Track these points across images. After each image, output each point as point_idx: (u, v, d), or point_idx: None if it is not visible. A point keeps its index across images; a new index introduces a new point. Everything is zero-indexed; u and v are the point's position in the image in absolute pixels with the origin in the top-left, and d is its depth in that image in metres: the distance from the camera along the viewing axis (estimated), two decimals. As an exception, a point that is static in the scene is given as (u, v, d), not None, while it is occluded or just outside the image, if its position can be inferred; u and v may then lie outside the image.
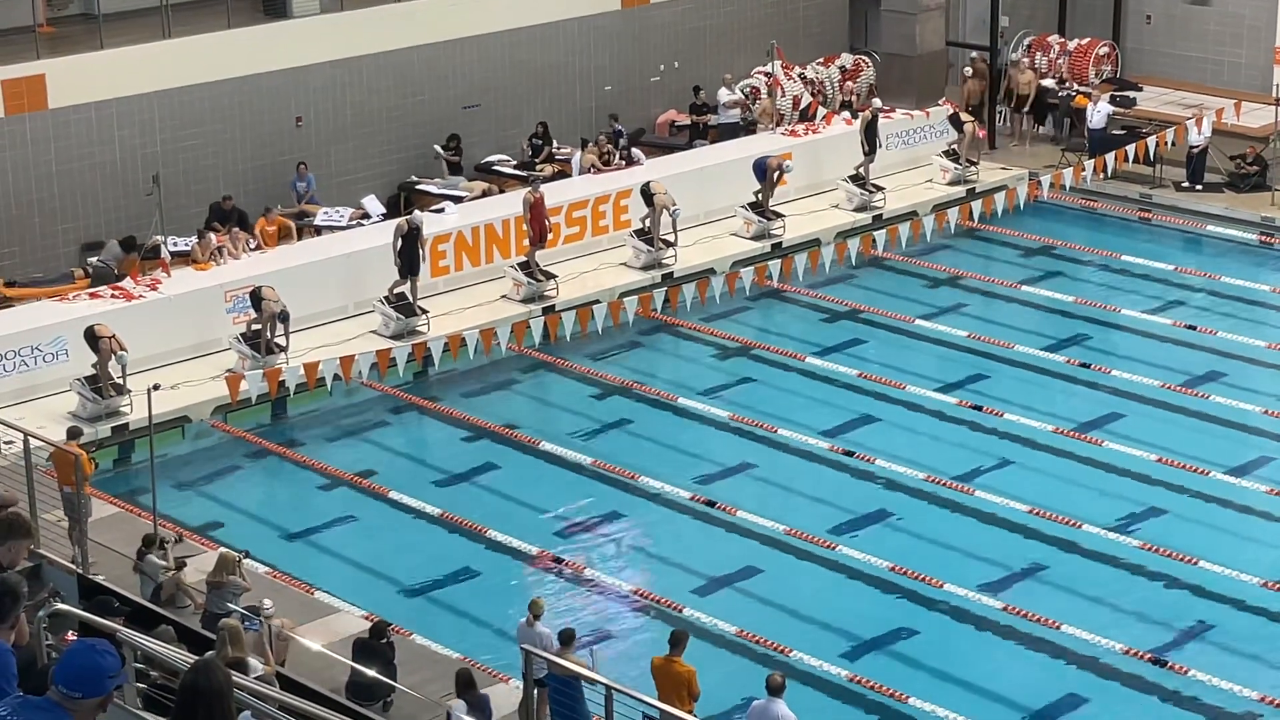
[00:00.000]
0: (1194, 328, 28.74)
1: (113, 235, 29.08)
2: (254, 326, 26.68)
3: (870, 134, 33.63)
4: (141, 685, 11.54)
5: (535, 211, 29.16)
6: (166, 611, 17.52)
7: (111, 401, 24.92)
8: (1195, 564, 21.36)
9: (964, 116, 35.58)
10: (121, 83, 29.61)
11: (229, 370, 26.25)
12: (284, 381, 25.78)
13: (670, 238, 30.88)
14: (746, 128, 36.22)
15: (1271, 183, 34.35)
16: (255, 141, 31.35)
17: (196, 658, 9.54)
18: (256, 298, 26.57)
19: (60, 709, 7.74)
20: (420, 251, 28.17)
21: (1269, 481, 23.61)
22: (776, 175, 32.20)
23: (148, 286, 27.24)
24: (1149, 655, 19.61)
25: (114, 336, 24.70)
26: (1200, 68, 37.84)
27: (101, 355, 24.77)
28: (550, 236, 29.61)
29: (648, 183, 30.97)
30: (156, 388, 22.10)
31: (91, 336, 24.96)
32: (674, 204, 30.48)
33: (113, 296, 26.87)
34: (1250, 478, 23.82)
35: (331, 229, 30.78)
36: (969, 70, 37.40)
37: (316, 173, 31.79)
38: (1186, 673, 19.26)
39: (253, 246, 29.10)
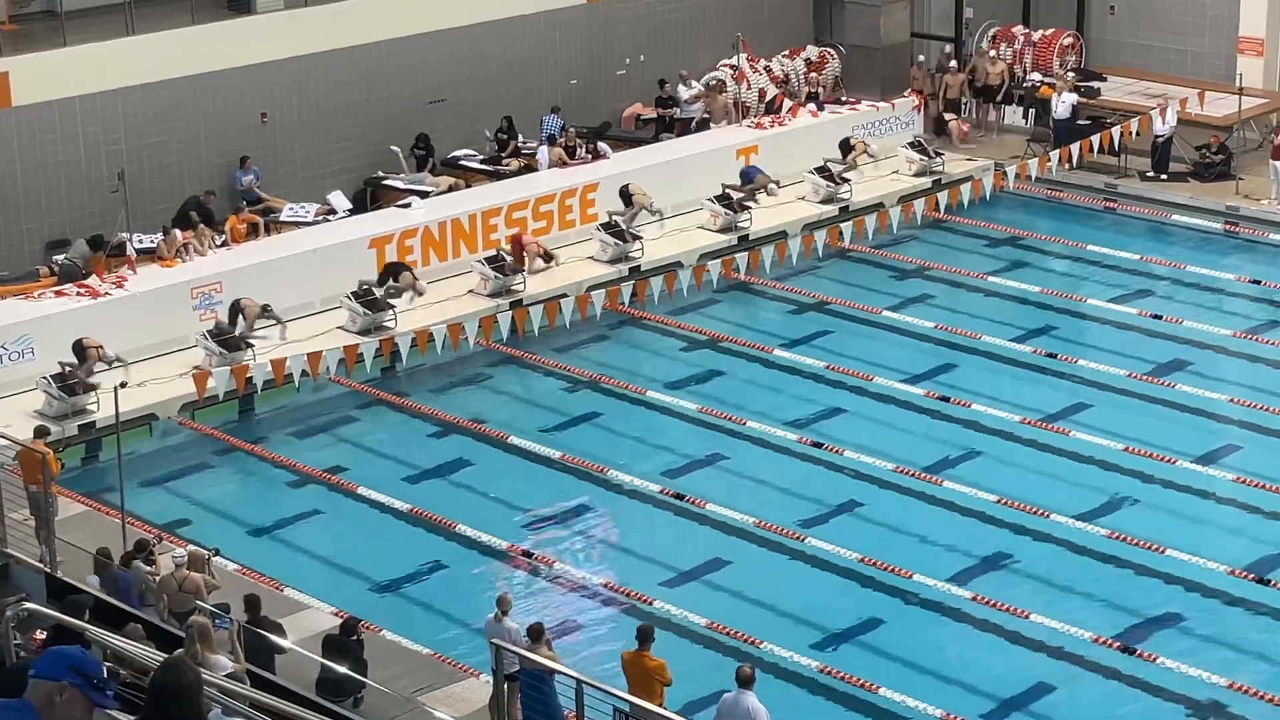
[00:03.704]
0: (1160, 317, 28.85)
1: (78, 233, 28.98)
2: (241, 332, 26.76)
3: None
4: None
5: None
6: (135, 610, 17.48)
7: (78, 400, 24.85)
8: (1163, 552, 21.45)
9: (947, 116, 35.88)
10: (85, 80, 29.50)
11: (196, 367, 26.18)
12: (251, 378, 25.73)
13: (640, 232, 30.98)
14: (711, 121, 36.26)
15: (1235, 172, 34.49)
16: (220, 138, 31.26)
17: (166, 655, 9.52)
18: (235, 309, 26.70)
19: (28, 708, 7.69)
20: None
21: (1235, 470, 23.71)
22: (761, 189, 32.32)
23: (114, 284, 27.17)
24: (1117, 643, 19.69)
25: (100, 347, 24.91)
26: (1164, 58, 37.95)
27: (88, 364, 25.00)
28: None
29: (626, 185, 31.04)
30: (124, 385, 22.04)
31: (79, 349, 25.08)
32: (653, 205, 30.55)
33: (79, 294, 26.80)
34: (1217, 466, 23.93)
35: (297, 225, 30.71)
36: (953, 64, 37.46)
37: (282, 168, 31.73)
38: (1155, 660, 19.35)
39: (219, 243, 29.02)
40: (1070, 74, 36.89)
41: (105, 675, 7.81)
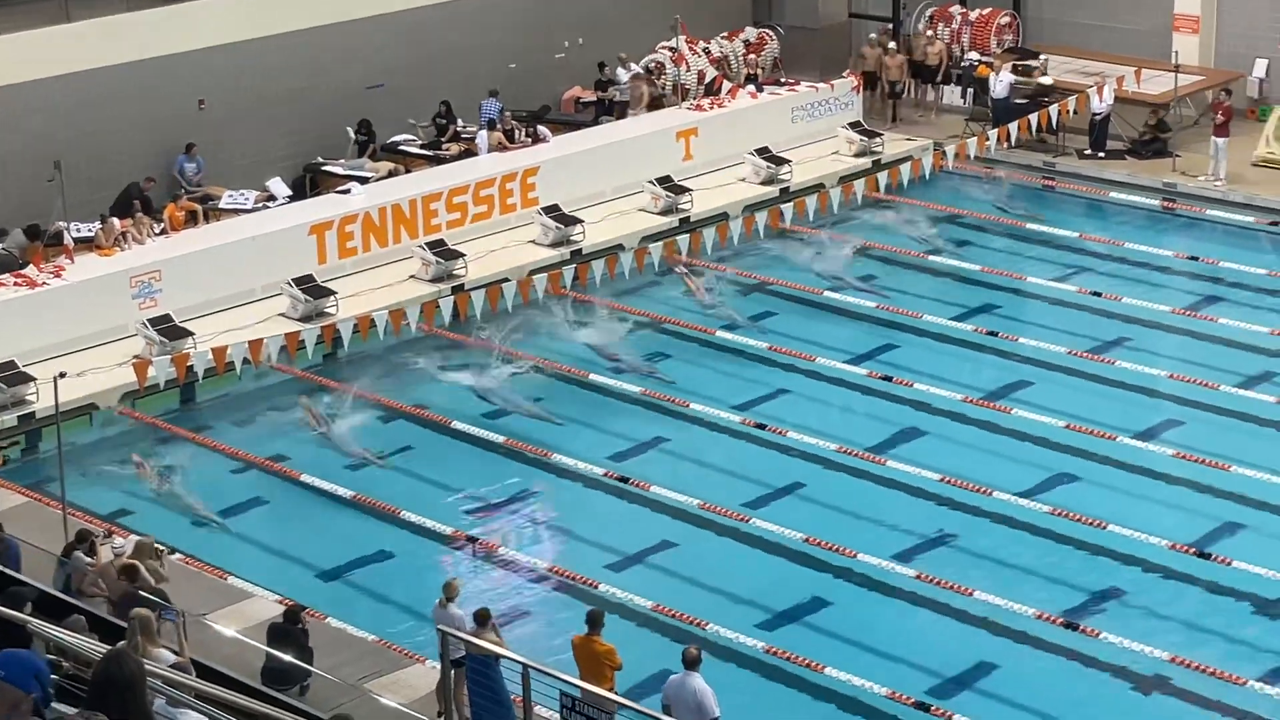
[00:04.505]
0: (1099, 294, 29.01)
1: (14, 223, 28.71)
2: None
3: None
4: (55, 676, 11.43)
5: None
6: (78, 601, 17.36)
7: (18, 390, 24.67)
8: (1104, 528, 21.58)
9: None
10: (20, 68, 29.25)
11: (136, 356, 26.02)
12: (192, 366, 25.59)
13: (581, 215, 31.05)
14: (651, 103, 36.24)
15: (1173, 149, 34.70)
16: (158, 125, 31.04)
17: (109, 647, 9.47)
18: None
19: None
20: None
21: (1175, 445, 23.87)
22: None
23: (51, 274, 26.98)
24: (1060, 619, 19.81)
25: None
26: (1100, 36, 38.12)
27: None
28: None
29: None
30: (63, 375, 21.89)
31: None
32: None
33: (16, 285, 26.59)
34: (1157, 442, 24.08)
35: (237, 212, 30.55)
36: (893, 44, 37.54)
37: (221, 155, 31.56)
38: (1097, 635, 19.47)
39: (158, 231, 28.86)
40: (1006, 52, 37.03)
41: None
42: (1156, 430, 24.55)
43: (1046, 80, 35.51)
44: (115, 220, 28.38)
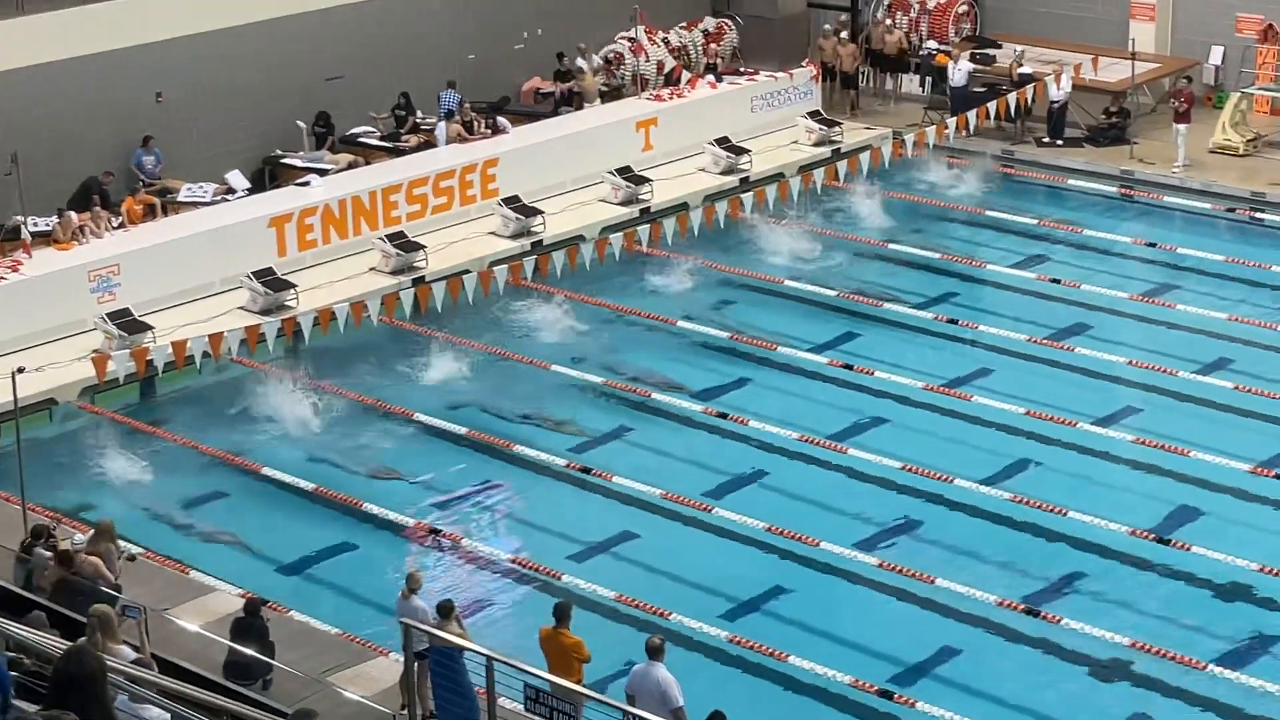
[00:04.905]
0: (1059, 281, 29.13)
1: (-28, 217, 28.63)
2: None
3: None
4: (14, 674, 11.40)
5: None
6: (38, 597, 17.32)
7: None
8: (1065, 514, 21.67)
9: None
10: (-25, 61, 29.14)
11: (95, 351, 25.92)
12: (152, 360, 25.49)
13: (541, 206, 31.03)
14: (611, 93, 36.26)
15: (1130, 136, 34.84)
16: (115, 118, 30.90)
17: (69, 644, 9.45)
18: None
19: None
20: None
21: (1135, 431, 23.99)
22: None
23: (9, 268, 26.84)
24: (1022, 605, 19.89)
25: None
26: (1058, 24, 38.24)
27: None
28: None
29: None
30: (21, 370, 21.77)
31: None
32: None
33: (-27, 279, 26.48)
34: (1117, 428, 24.20)
35: (195, 205, 30.44)
36: (845, 34, 37.58)
37: (179, 148, 31.43)
38: (1059, 621, 19.55)
39: (116, 225, 28.74)
40: (964, 41, 37.09)
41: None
42: (1116, 416, 24.67)
43: (1026, 70, 35.51)
44: (73, 214, 28.24)
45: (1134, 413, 24.86)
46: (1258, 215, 31.96)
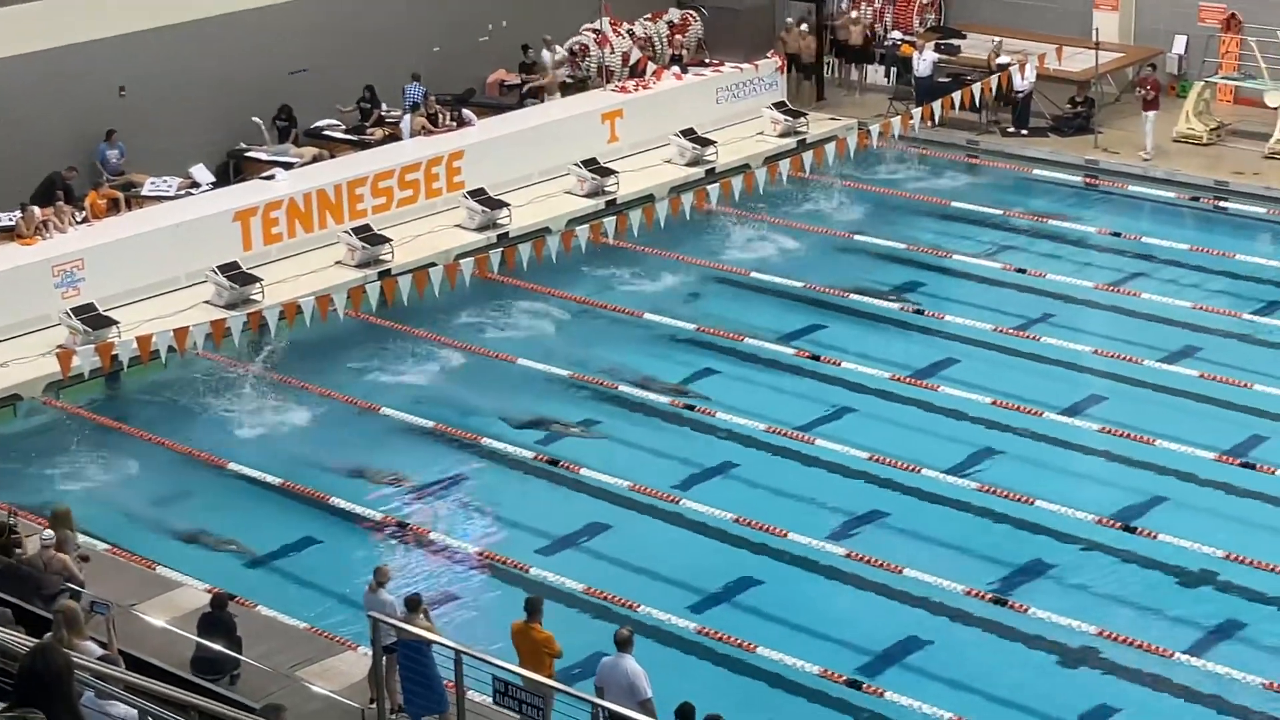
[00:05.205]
0: (1024, 271, 29.20)
1: (-66, 213, 28.48)
2: None
3: None
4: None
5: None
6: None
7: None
8: (1031, 503, 21.73)
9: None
10: (-64, 56, 28.99)
11: (60, 346, 25.82)
12: (117, 355, 25.39)
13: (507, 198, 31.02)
14: (576, 85, 36.24)
15: (1094, 126, 34.94)
16: (78, 113, 30.76)
17: (35, 641, 9.41)
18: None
19: None
20: None
21: (1101, 420, 24.07)
22: None
23: (-28, 264, 26.74)
24: (989, 595, 19.94)
25: None
26: (1022, 14, 38.32)
27: None
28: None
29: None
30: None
31: None
32: None
33: (-64, 275, 26.35)
34: (1082, 417, 24.28)
35: (160, 199, 30.33)
36: (805, 27, 37.60)
37: (143, 142, 31.29)
38: (1026, 610, 19.61)
39: (79, 219, 28.61)
40: (929, 31, 37.14)
41: None
42: (1082, 405, 24.75)
43: (1005, 60, 35.52)
44: (36, 209, 28.10)
45: (1100, 401, 24.94)
46: (1221, 204, 32.08)
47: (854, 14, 38.49)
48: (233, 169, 32.54)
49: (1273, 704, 18.00)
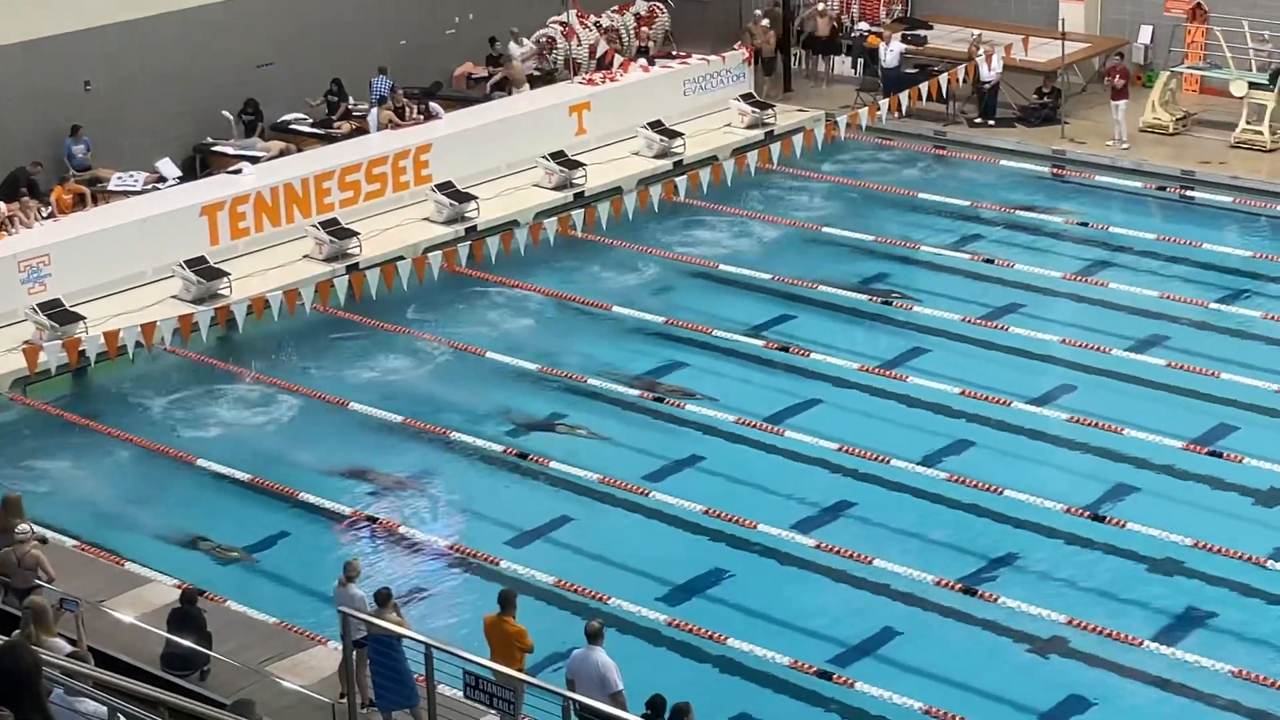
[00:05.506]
0: (992, 261, 29.26)
1: (-102, 208, 28.31)
2: None
3: None
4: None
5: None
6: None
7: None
8: (1000, 493, 21.78)
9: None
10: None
11: (26, 342, 25.71)
12: (84, 351, 25.31)
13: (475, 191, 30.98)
14: (543, 77, 36.20)
15: (1061, 116, 35.02)
16: (43, 107, 30.61)
17: (3, 638, 9.37)
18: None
19: None
20: None
21: (1069, 409, 24.13)
22: None
23: (-63, 260, 26.62)
24: (959, 585, 19.98)
25: None
26: (988, 5, 38.38)
27: None
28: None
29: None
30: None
31: None
32: None
33: (-99, 271, 26.23)
34: (1051, 406, 24.33)
35: (126, 194, 30.22)
36: (766, 21, 37.61)
37: (109, 137, 31.17)
38: (996, 600, 19.67)
39: (45, 214, 28.50)
40: (895, 22, 37.15)
41: None
42: (1050, 395, 24.81)
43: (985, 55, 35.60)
44: (1, 204, 27.99)
45: (1068, 391, 25.00)
46: (1188, 193, 32.19)
47: (821, 5, 38.50)
48: (199, 163, 32.44)
49: (1241, 691, 18.09)
